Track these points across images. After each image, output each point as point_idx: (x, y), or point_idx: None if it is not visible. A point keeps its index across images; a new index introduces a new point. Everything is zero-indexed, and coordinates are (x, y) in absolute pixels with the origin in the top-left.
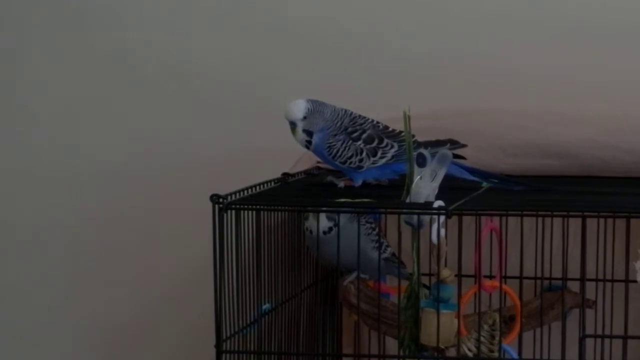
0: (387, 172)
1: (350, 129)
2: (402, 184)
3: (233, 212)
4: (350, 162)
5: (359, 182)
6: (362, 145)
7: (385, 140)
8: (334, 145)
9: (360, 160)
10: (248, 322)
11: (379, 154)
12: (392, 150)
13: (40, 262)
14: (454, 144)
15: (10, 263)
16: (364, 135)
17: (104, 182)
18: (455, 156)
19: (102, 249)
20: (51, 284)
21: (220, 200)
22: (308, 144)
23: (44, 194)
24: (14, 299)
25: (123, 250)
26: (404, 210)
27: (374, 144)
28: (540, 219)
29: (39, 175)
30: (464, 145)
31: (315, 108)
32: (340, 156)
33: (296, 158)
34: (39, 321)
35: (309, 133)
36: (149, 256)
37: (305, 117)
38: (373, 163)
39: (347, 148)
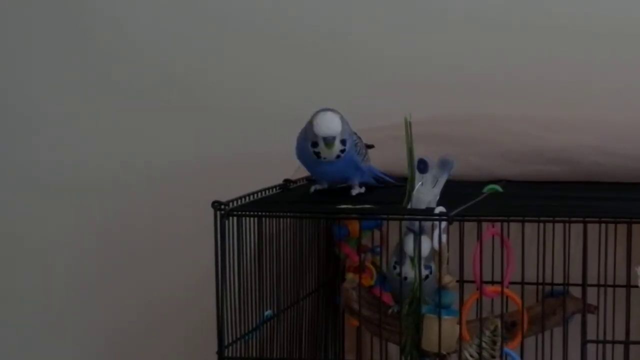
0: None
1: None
2: (403, 189)
3: (235, 218)
4: (365, 157)
5: (370, 179)
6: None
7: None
8: (357, 142)
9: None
10: (250, 328)
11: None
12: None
13: (42, 270)
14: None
15: (14, 271)
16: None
17: (104, 189)
18: None
19: (103, 257)
20: (53, 292)
21: (222, 207)
22: (341, 153)
23: (46, 201)
24: (17, 306)
25: (124, 258)
26: (406, 217)
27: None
28: (541, 225)
29: (41, 183)
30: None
31: (338, 114)
32: (362, 153)
33: (297, 164)
34: (43, 328)
35: (343, 142)
36: (151, 263)
37: (342, 129)
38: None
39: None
